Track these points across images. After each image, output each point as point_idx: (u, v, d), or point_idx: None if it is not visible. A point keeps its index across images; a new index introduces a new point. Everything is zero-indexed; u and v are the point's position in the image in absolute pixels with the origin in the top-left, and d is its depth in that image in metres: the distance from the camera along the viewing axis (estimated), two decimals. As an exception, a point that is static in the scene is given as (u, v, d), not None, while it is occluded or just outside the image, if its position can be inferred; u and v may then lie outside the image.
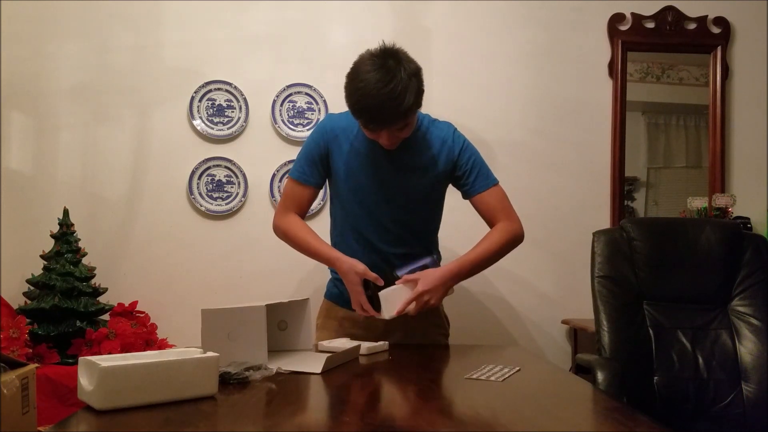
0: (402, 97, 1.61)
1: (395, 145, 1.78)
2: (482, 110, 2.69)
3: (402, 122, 1.68)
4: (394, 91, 1.59)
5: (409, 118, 1.70)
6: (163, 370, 1.12)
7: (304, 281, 2.58)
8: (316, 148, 1.86)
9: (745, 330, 1.86)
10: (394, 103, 1.61)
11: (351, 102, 1.66)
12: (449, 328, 2.02)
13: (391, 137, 1.72)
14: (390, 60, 1.63)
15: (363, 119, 1.67)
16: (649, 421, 1.08)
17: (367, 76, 1.62)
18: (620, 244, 1.96)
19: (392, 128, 1.69)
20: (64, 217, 2.35)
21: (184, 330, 2.41)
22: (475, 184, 1.86)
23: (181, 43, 2.62)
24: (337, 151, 1.85)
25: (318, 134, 1.87)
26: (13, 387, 1.21)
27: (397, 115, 1.64)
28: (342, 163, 1.84)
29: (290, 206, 1.89)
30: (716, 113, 2.76)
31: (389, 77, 1.60)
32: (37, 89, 2.57)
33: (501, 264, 2.63)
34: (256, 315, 1.44)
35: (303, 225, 1.88)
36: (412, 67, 1.67)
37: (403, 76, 1.61)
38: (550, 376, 1.56)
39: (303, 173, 1.87)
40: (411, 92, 1.62)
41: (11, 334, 2.05)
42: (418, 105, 1.70)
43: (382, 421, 1.13)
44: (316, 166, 1.86)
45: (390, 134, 1.71)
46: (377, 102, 1.61)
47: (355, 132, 1.84)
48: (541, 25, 2.74)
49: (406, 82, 1.61)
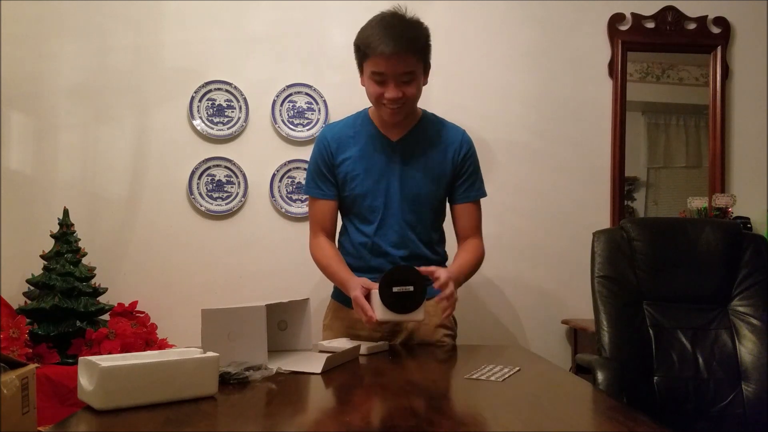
0: (416, 28, 1.74)
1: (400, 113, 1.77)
2: (482, 110, 2.69)
3: (410, 60, 1.72)
4: (410, 22, 1.75)
5: (418, 65, 1.75)
6: (163, 370, 1.12)
7: (304, 281, 2.57)
8: (322, 160, 1.87)
9: (745, 330, 1.86)
10: (409, 30, 1.72)
11: (365, 34, 1.74)
12: (456, 329, 2.00)
13: (398, 88, 1.73)
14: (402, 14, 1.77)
15: (378, 41, 1.69)
16: (649, 421, 1.08)
17: (384, 15, 1.76)
18: (620, 244, 1.96)
19: (401, 65, 1.71)
20: (64, 217, 2.35)
21: (184, 330, 2.41)
22: (468, 191, 1.90)
23: (181, 43, 2.62)
24: (342, 156, 1.85)
25: (320, 146, 1.89)
26: (13, 387, 1.21)
27: (411, 41, 1.71)
28: (349, 167, 1.85)
29: (316, 228, 1.91)
30: (716, 113, 2.76)
31: (404, 15, 1.76)
32: (37, 89, 2.57)
33: (501, 263, 2.67)
34: (256, 315, 1.44)
35: (327, 251, 1.88)
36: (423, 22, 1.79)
37: (416, 18, 1.77)
38: (550, 376, 1.56)
39: (317, 188, 1.88)
40: (423, 32, 1.76)
41: (11, 334, 2.05)
42: (427, 59, 1.79)
43: (382, 421, 1.13)
44: (326, 177, 1.87)
45: (396, 82, 1.72)
46: (395, 22, 1.72)
47: (357, 135, 1.85)
48: (540, 25, 2.74)
49: (419, 22, 1.77)
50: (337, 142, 1.86)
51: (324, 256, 1.88)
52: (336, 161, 1.86)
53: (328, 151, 1.86)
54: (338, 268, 1.84)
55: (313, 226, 1.91)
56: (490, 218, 2.65)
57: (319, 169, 1.87)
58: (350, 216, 1.91)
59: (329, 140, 1.87)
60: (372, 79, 1.74)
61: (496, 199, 2.67)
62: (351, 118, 1.93)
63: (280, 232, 2.61)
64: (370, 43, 1.70)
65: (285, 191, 2.63)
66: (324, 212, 1.89)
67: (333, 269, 1.85)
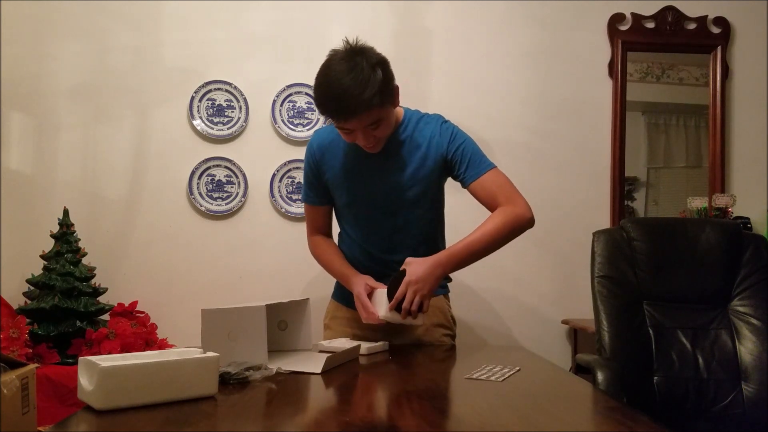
0: (364, 85, 1.59)
1: (377, 147, 1.75)
2: (482, 110, 2.69)
3: (369, 115, 1.63)
4: (355, 79, 1.59)
5: (380, 112, 1.66)
6: (163, 370, 1.12)
7: (304, 281, 2.58)
8: (310, 169, 1.89)
9: (745, 330, 1.86)
10: (357, 91, 1.59)
11: (316, 96, 1.66)
12: (455, 328, 1.99)
13: (367, 136, 1.68)
14: (354, 54, 1.63)
15: (329, 111, 1.64)
16: (649, 421, 1.08)
17: (329, 71, 1.63)
18: (620, 244, 1.96)
19: (362, 122, 1.64)
20: (64, 217, 2.35)
21: (184, 330, 2.41)
22: (468, 172, 1.80)
23: (181, 43, 2.62)
24: (327, 166, 1.85)
25: (308, 155, 1.89)
26: (13, 387, 1.21)
27: (361, 104, 1.60)
28: (333, 177, 1.84)
29: (311, 228, 1.97)
30: (716, 113, 2.76)
31: (351, 66, 1.61)
32: (37, 89, 2.57)
33: (501, 263, 2.66)
34: (256, 315, 1.44)
35: (326, 247, 1.92)
36: (376, 58, 1.65)
37: (365, 66, 1.61)
38: (550, 376, 1.56)
39: (308, 196, 1.93)
40: (374, 81, 1.61)
41: (11, 334, 2.05)
42: (389, 98, 1.68)
43: (381, 420, 1.13)
44: (315, 187, 1.89)
45: (364, 133, 1.67)
46: (339, 91, 1.60)
47: (342, 144, 1.82)
48: (541, 25, 2.74)
49: (369, 71, 1.61)
50: (322, 151, 1.85)
51: (324, 252, 1.92)
52: (321, 170, 1.86)
53: (315, 160, 1.87)
54: (340, 263, 1.87)
55: (308, 227, 1.98)
56: (490, 218, 2.67)
57: (309, 178, 1.91)
58: (342, 222, 1.94)
59: (315, 149, 1.87)
60: (339, 129, 1.71)
61: (496, 199, 2.68)
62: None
63: (280, 232, 2.61)
64: (323, 108, 1.65)
65: (285, 191, 2.63)
66: (317, 216, 1.95)
67: (335, 265, 1.88)
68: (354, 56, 1.62)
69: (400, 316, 1.63)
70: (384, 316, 1.64)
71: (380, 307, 1.66)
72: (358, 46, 1.66)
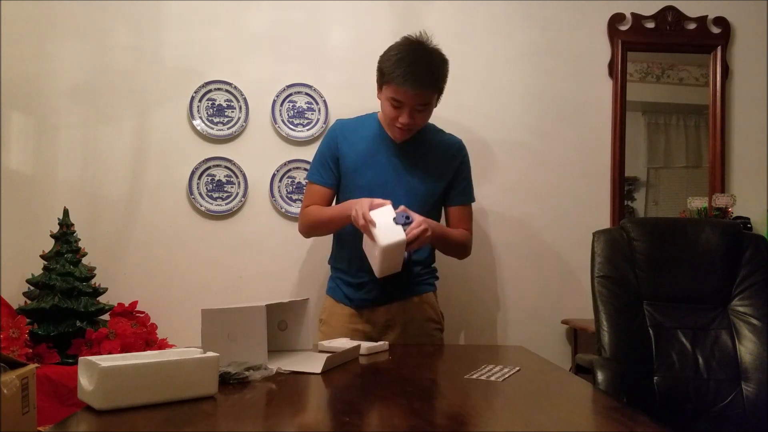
0: (440, 67, 1.85)
1: (409, 133, 1.90)
2: (482, 110, 2.69)
3: (430, 94, 1.84)
4: (436, 59, 1.85)
5: (434, 98, 1.87)
6: (163, 370, 1.12)
7: (304, 281, 2.58)
8: (328, 150, 2.00)
9: (745, 330, 1.86)
10: (435, 69, 1.83)
11: (395, 61, 1.81)
12: (443, 323, 2.11)
13: (412, 115, 1.83)
14: (430, 44, 1.88)
15: (408, 75, 1.78)
16: (649, 421, 1.08)
17: (412, 45, 1.85)
18: (620, 244, 1.96)
19: (421, 98, 1.82)
20: (64, 217, 2.35)
21: (184, 330, 2.41)
22: (460, 195, 2.04)
23: (181, 43, 2.62)
24: (347, 149, 1.97)
25: (329, 137, 2.03)
26: (13, 387, 1.21)
27: (434, 80, 1.83)
28: (351, 162, 1.96)
29: (308, 204, 2.03)
30: (716, 113, 2.76)
31: (431, 50, 1.86)
32: (37, 89, 2.56)
33: (501, 263, 2.66)
34: (256, 315, 1.44)
35: (317, 207, 2.00)
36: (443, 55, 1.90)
37: (440, 54, 1.88)
38: (550, 376, 1.56)
39: (318, 175, 2.01)
40: (445, 70, 1.88)
41: (11, 334, 2.05)
42: (443, 88, 1.90)
43: (381, 421, 1.13)
44: (329, 167, 1.99)
45: (411, 111, 1.83)
46: (426, 61, 1.81)
47: (365, 132, 1.97)
48: (541, 25, 2.74)
49: (441, 56, 1.88)
50: (346, 135, 1.99)
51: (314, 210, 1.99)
52: (341, 152, 1.98)
53: (336, 141, 1.99)
54: (331, 208, 1.98)
55: (306, 202, 2.04)
56: (491, 218, 2.67)
57: (324, 158, 2.00)
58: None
59: (338, 131, 2.01)
60: (389, 102, 1.86)
61: (496, 199, 2.68)
62: (363, 117, 2.07)
63: (280, 232, 2.61)
64: (395, 73, 1.80)
65: (285, 191, 2.62)
66: (320, 195, 2.01)
67: (327, 211, 1.97)
68: (430, 45, 1.87)
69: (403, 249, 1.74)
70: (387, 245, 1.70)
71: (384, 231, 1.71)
72: (430, 40, 1.88)
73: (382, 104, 1.93)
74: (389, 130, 1.96)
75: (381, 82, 1.89)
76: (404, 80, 1.79)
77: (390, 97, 1.85)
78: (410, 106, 1.83)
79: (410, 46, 1.84)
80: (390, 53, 1.85)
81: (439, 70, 1.86)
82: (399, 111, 1.85)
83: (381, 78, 1.88)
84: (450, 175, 2.01)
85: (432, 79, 1.83)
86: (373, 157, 1.96)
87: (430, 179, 1.98)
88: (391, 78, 1.81)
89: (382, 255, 1.73)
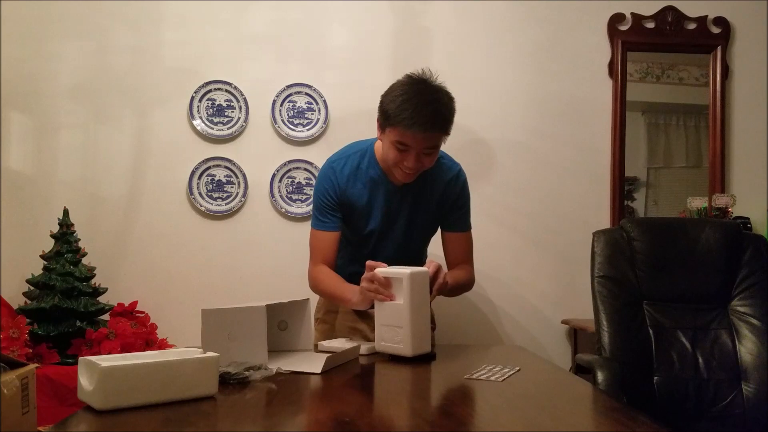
0: (448, 107, 1.72)
1: (413, 176, 1.79)
2: (482, 110, 2.69)
3: (439, 136, 1.73)
4: (443, 99, 1.72)
5: (442, 139, 1.76)
6: (163, 370, 1.12)
7: (304, 281, 2.57)
8: (329, 199, 1.87)
9: (745, 330, 1.86)
10: (444, 109, 1.71)
11: (396, 96, 1.69)
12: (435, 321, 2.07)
13: (419, 159, 1.72)
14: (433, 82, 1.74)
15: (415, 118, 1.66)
16: (649, 421, 1.08)
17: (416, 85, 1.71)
18: (620, 244, 1.96)
19: (429, 141, 1.71)
20: (64, 217, 2.35)
21: (184, 330, 2.41)
22: (458, 221, 1.94)
23: (181, 43, 2.62)
24: (356, 196, 1.86)
25: (327, 185, 1.87)
26: (13, 387, 1.21)
27: (443, 122, 1.71)
28: (361, 207, 1.87)
29: (317, 257, 1.90)
30: (716, 113, 2.76)
31: (437, 89, 1.72)
32: (37, 89, 2.56)
33: (501, 263, 2.66)
34: (256, 315, 1.44)
35: (327, 274, 1.87)
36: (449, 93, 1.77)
37: (446, 93, 1.74)
38: (550, 376, 1.56)
39: (321, 224, 1.88)
40: (452, 109, 1.75)
41: (11, 334, 2.05)
42: (450, 130, 1.77)
43: (381, 420, 1.13)
44: (332, 214, 1.88)
45: (418, 154, 1.72)
46: (426, 97, 1.68)
47: (363, 177, 1.86)
48: (541, 25, 2.74)
49: (448, 96, 1.75)
50: (340, 183, 1.86)
51: (327, 275, 1.87)
52: (346, 198, 1.86)
53: (339, 188, 1.86)
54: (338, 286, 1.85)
55: (314, 255, 1.91)
56: (491, 218, 2.67)
57: (322, 207, 1.87)
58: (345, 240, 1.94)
59: (338, 178, 1.86)
60: (393, 145, 1.73)
61: (496, 199, 2.68)
62: (357, 157, 1.89)
63: (280, 232, 2.61)
64: (402, 116, 1.67)
65: (285, 191, 2.63)
66: (329, 244, 1.89)
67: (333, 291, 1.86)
68: (434, 83, 1.74)
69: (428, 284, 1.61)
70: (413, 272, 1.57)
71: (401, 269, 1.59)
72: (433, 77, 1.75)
73: (384, 146, 1.78)
74: (390, 173, 1.83)
75: (385, 125, 1.73)
76: (412, 123, 1.66)
77: (395, 141, 1.71)
78: (417, 150, 1.71)
79: (416, 86, 1.71)
80: (394, 93, 1.71)
81: (448, 111, 1.72)
82: (405, 155, 1.72)
83: (385, 120, 1.72)
84: (448, 205, 1.92)
85: (441, 120, 1.70)
86: (373, 202, 1.87)
87: (429, 212, 1.90)
88: (397, 121, 1.67)
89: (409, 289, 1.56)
